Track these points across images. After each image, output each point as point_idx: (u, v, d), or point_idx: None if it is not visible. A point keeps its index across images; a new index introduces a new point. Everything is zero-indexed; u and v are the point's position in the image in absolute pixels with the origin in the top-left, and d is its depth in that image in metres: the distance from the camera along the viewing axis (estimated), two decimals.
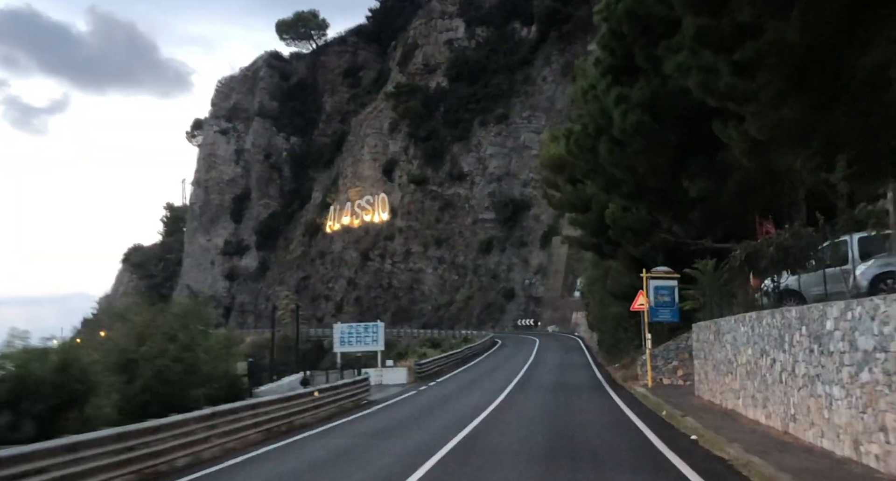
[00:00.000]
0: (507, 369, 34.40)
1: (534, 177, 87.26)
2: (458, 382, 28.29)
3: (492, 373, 32.74)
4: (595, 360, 38.69)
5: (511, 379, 27.75)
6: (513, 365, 36.41)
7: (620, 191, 17.46)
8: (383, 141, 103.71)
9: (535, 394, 22.35)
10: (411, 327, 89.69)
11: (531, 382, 26.93)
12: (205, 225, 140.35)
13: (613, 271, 27.66)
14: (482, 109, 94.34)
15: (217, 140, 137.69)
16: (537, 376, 29.56)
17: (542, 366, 35.28)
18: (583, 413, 17.00)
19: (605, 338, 37.30)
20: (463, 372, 34.71)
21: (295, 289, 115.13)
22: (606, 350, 38.18)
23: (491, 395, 22.05)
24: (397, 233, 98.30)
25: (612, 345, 34.31)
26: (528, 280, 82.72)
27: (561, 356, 43.93)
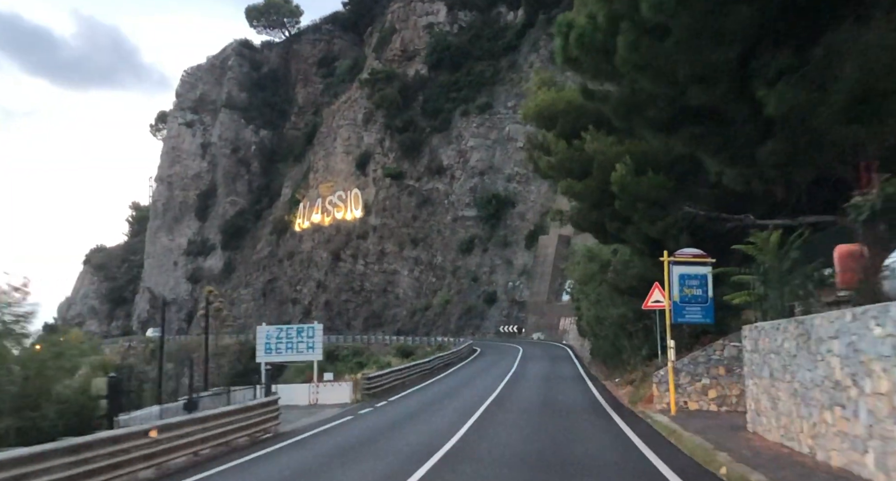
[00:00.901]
0: (483, 383, 28.70)
1: (519, 171, 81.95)
2: (417, 401, 22.55)
3: (462, 389, 27.01)
4: (588, 373, 33.00)
5: (485, 398, 22.06)
6: (490, 379, 30.69)
7: (646, 119, 11.88)
8: (357, 132, 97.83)
9: (516, 420, 16.69)
10: (385, 333, 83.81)
11: (510, 402, 21.26)
12: (168, 223, 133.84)
13: (618, 260, 22.04)
14: (464, 98, 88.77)
15: (182, 133, 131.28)
16: (519, 393, 23.91)
17: (526, 380, 29.56)
18: (587, 459, 11.30)
19: (600, 346, 31.60)
20: (428, 386, 28.93)
21: (261, 292, 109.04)
22: (603, 360, 32.47)
23: (454, 422, 16.36)
24: (371, 231, 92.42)
25: (611, 355, 28.64)
26: (512, 283, 77.07)
27: (547, 367, 38.22)
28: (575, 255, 45.43)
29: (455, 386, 28.52)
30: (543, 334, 68.15)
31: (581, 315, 43.64)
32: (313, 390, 22.44)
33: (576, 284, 44.01)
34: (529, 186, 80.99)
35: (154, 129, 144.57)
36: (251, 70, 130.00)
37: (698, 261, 15.81)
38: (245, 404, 14.22)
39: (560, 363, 41.36)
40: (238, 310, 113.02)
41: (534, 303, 72.34)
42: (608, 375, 29.06)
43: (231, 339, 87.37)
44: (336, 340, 79.56)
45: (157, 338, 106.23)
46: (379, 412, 19.83)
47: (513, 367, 37.81)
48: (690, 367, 16.59)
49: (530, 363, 41.17)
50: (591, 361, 40.12)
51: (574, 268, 45.30)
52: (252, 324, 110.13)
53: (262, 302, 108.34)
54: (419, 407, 20.77)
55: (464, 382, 30.39)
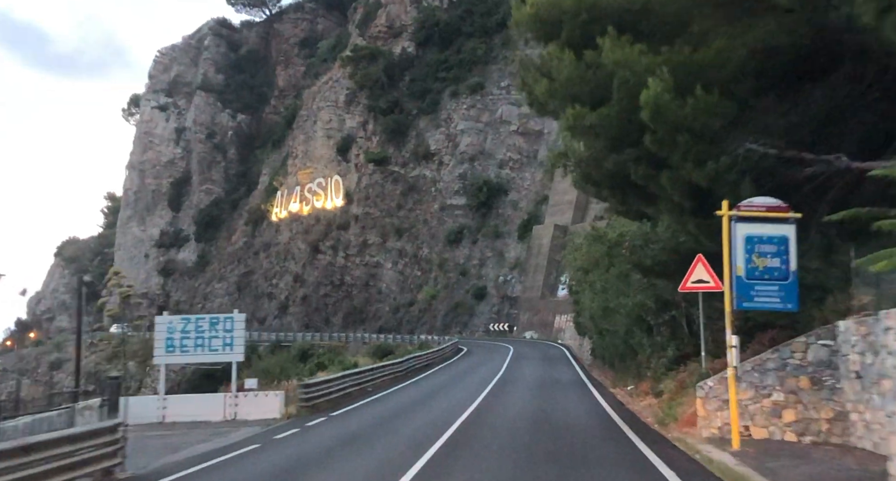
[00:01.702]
0: (462, 390, 23.56)
1: (512, 156, 76.92)
2: (369, 418, 17.34)
3: (435, 398, 21.85)
4: (590, 377, 27.86)
5: (459, 413, 16.92)
6: (472, 384, 25.54)
7: None
8: (339, 115, 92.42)
9: (498, 450, 11.57)
10: (366, 331, 78.62)
11: (493, 418, 16.13)
12: (140, 213, 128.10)
13: (639, 230, 16.92)
14: (454, 78, 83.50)
15: (154, 117, 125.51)
16: (505, 405, 18.78)
17: (515, 387, 24.42)
18: None
19: (606, 345, 26.43)
20: (394, 393, 23.73)
21: (236, 287, 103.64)
22: (608, 362, 27.30)
23: (408, 454, 11.21)
24: (352, 221, 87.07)
25: (621, 356, 23.48)
26: (504, 277, 71.93)
27: (541, 369, 33.08)
28: (575, 238, 40.42)
29: (427, 394, 23.31)
30: (537, 333, 63.08)
31: (580, 310, 38.60)
32: (230, 402, 17.19)
33: (575, 274, 39.01)
34: (523, 173, 75.90)
35: (127, 114, 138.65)
36: (229, 51, 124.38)
37: (775, 216, 10.63)
38: (39, 439, 8.90)
39: (556, 364, 36.21)
40: (211, 306, 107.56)
41: (527, 299, 67.24)
42: (616, 381, 23.91)
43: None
44: (312, 338, 74.40)
45: (122, 334, 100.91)
46: (303, 436, 14.52)
47: (501, 369, 32.65)
48: (754, 377, 11.40)
49: (522, 364, 36.02)
50: (591, 363, 35.00)
51: (574, 256, 40.31)
52: None
53: (236, 297, 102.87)
54: (365, 427, 15.52)
55: (439, 388, 25.19)
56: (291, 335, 77.07)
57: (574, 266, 39.44)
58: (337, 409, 18.45)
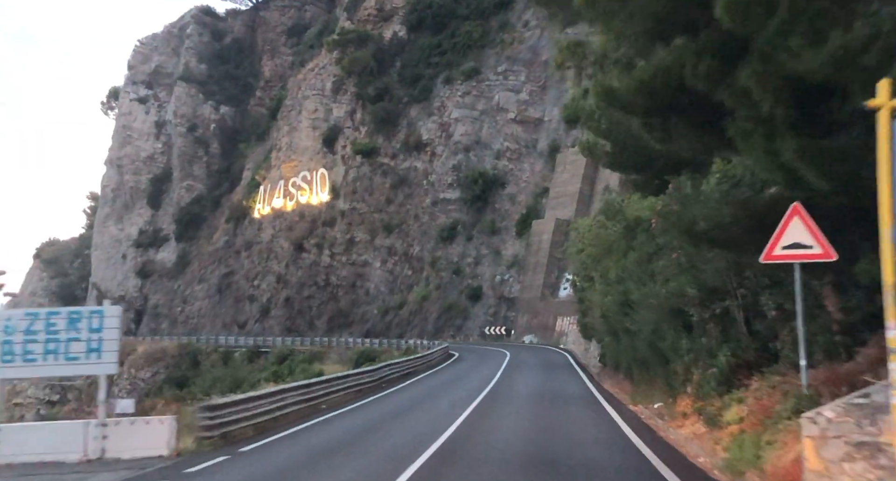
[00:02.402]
0: (439, 408, 18.79)
1: (510, 146, 72.18)
2: (301, 452, 12.52)
3: (403, 418, 17.06)
4: (600, 390, 23.07)
5: (430, 440, 12.16)
6: (455, 399, 20.74)
7: None
8: (325, 104, 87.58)
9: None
10: (352, 334, 73.79)
11: (473, 452, 11.37)
12: (118, 211, 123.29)
13: (679, 187, 12.17)
14: (448, 63, 78.74)
15: (133, 110, 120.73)
16: (492, 430, 14.02)
17: (508, 403, 19.62)
18: None
19: (622, 349, 21.54)
20: (352, 412, 18.89)
21: (217, 288, 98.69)
22: (625, 371, 22.43)
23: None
24: (339, 217, 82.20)
25: (642, 363, 18.64)
26: (501, 276, 67.08)
27: (541, 379, 28.26)
28: (579, 227, 35.71)
29: (395, 413, 18.48)
30: (536, 337, 58.26)
31: (586, 309, 33.88)
32: (94, 433, 12.21)
33: (581, 267, 34.32)
34: (522, 163, 71.11)
35: (106, 107, 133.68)
36: (212, 40, 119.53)
37: None
38: None
39: (558, 373, 31.38)
40: (191, 309, 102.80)
41: (525, 300, 62.41)
42: (636, 395, 19.07)
43: (169, 342, 77.08)
44: (292, 343, 69.66)
45: None
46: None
47: (493, 379, 27.83)
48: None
49: (518, 373, 31.19)
50: (601, 372, 30.17)
51: (580, 244, 35.64)
52: (205, 324, 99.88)
53: (217, 299, 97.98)
54: (279, 473, 10.70)
55: (413, 405, 20.34)
56: (271, 340, 72.23)
57: (579, 258, 34.79)
58: (259, 439, 13.60)
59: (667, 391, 15.89)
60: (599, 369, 30.84)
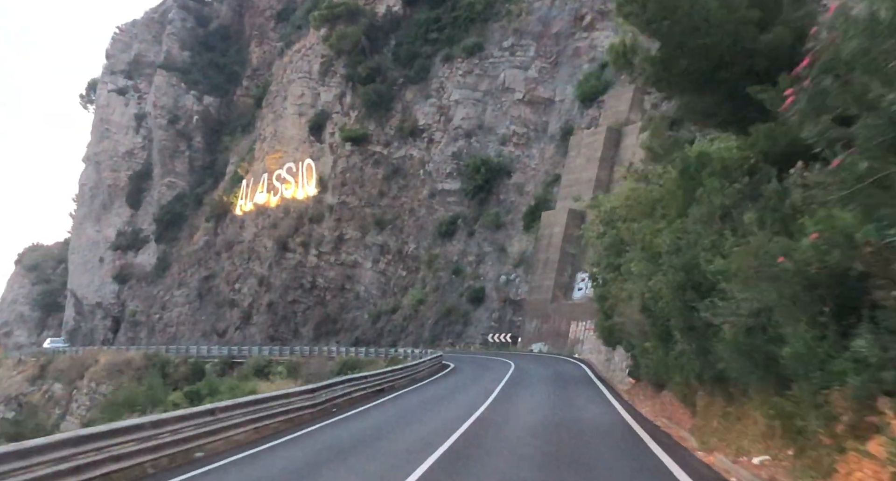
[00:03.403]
0: (397, 448, 11.86)
1: (517, 130, 65.25)
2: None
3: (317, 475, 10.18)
4: (639, 419, 16.01)
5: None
6: (424, 433, 13.77)
7: None
8: (312, 88, 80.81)
9: None
10: (339, 343, 66.98)
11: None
12: (96, 211, 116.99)
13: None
14: (447, 39, 71.89)
15: (112, 102, 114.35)
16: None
17: (499, 442, 12.58)
18: None
19: (676, 359, 14.31)
20: (233, 467, 11.96)
21: (197, 293, 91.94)
22: (679, 392, 15.25)
23: None
24: (326, 212, 75.33)
25: (721, 382, 11.55)
26: (506, 276, 60.00)
27: (552, 401, 21.26)
28: (602, 203, 28.89)
29: (315, 463, 11.54)
30: (547, 345, 51.23)
31: (610, 308, 26.88)
32: None
33: (603, 255, 27.39)
34: (530, 149, 64.09)
35: (85, 101, 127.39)
36: (196, 25, 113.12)
37: None
38: None
39: (575, 392, 24.35)
40: (170, 316, 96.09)
41: (534, 303, 55.31)
42: (704, 433, 12.03)
43: (135, 352, 70.28)
44: (270, 353, 62.92)
45: (56, 350, 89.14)
46: None
47: (488, 400, 20.89)
48: None
49: (522, 391, 24.21)
50: (632, 389, 23.17)
51: (598, 231, 28.86)
52: (184, 333, 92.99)
53: (197, 305, 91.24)
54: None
55: (350, 448, 13.32)
56: (247, 349, 65.38)
57: (601, 242, 27.87)
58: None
59: (781, 433, 8.82)
60: (630, 385, 23.80)
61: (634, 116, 55.38)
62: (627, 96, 56.51)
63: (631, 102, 56.02)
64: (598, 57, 61.46)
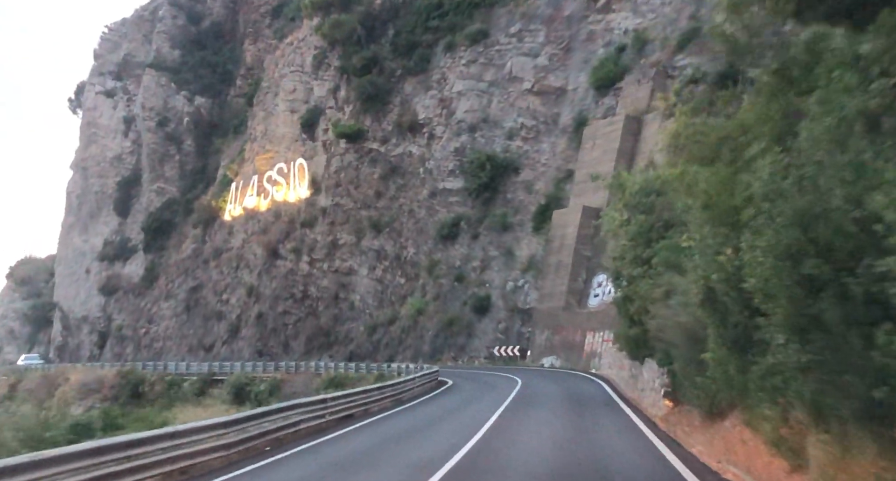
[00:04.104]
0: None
1: (525, 122, 60.30)
2: None
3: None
4: (695, 466, 10.86)
5: None
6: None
7: None
8: (305, 82, 76.17)
9: None
10: (333, 357, 61.95)
11: None
12: (83, 220, 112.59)
13: None
14: (450, 27, 67.10)
15: (99, 104, 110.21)
16: None
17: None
18: None
19: (759, 374, 9.20)
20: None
21: (185, 305, 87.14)
22: (771, 429, 10.10)
23: None
24: (320, 216, 70.45)
25: (866, 417, 6.39)
26: (514, 282, 54.84)
27: (567, 432, 16.11)
28: (628, 179, 24.00)
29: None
30: (559, 359, 46.06)
31: (637, 312, 21.93)
32: None
33: (629, 245, 22.53)
34: (540, 143, 59.03)
35: (73, 105, 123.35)
36: (188, 23, 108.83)
37: None
38: None
39: (595, 417, 19.20)
40: (157, 330, 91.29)
41: (545, 312, 50.15)
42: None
43: (108, 369, 65.32)
44: (253, 369, 57.93)
45: (31, 366, 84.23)
46: None
47: (481, 430, 15.77)
48: None
49: (528, 417, 19.07)
50: (671, 415, 18.00)
51: (623, 217, 24.07)
52: (171, 348, 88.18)
53: (184, 318, 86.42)
54: None
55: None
56: (228, 366, 60.38)
57: (626, 230, 23.07)
58: None
59: None
60: (666, 410, 18.62)
61: (656, 103, 50.39)
62: (648, 81, 51.59)
63: (652, 87, 51.03)
64: (614, 40, 56.66)
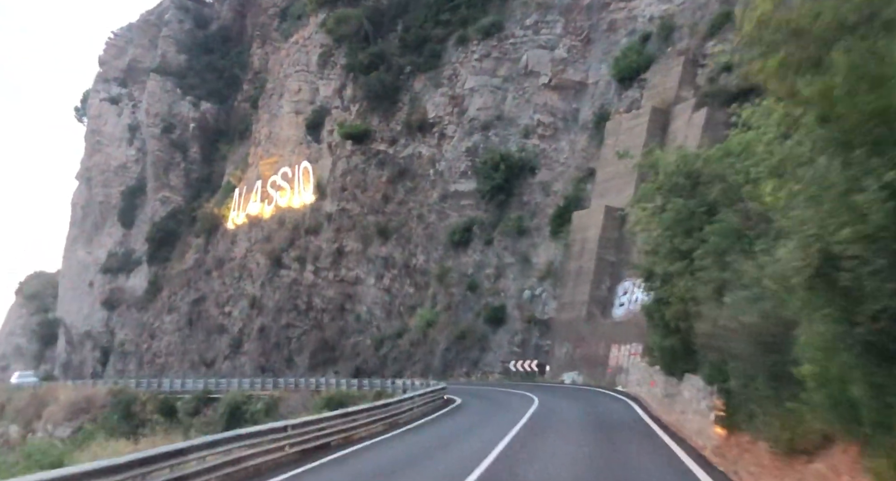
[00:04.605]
0: None
1: (541, 119, 56.38)
2: None
3: None
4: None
5: None
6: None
7: None
8: (310, 82, 72.77)
9: None
10: (337, 374, 58.19)
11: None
12: (87, 232, 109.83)
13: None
14: (462, 20, 63.46)
15: (104, 112, 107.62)
16: None
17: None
18: None
19: None
20: None
21: (187, 319, 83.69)
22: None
23: None
24: (325, 222, 66.80)
25: None
26: (530, 291, 50.73)
27: (595, 472, 11.98)
28: (661, 157, 20.08)
29: None
30: (581, 375, 41.86)
31: (675, 316, 17.94)
32: None
33: (661, 239, 18.54)
34: (558, 141, 55.09)
35: (80, 114, 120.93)
36: (195, 27, 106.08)
37: None
38: None
39: (628, 450, 15.06)
40: (158, 346, 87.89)
41: (565, 323, 45.99)
42: None
43: (99, 387, 61.88)
44: (252, 386, 54.32)
45: (24, 385, 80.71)
46: None
47: (482, 465, 11.73)
48: None
49: (542, 449, 14.98)
50: (725, 447, 13.84)
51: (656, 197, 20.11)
52: (172, 364, 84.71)
53: (187, 332, 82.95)
54: None
55: None
56: (224, 382, 56.70)
57: (660, 219, 19.08)
58: None
59: None
60: (718, 440, 14.47)
61: (685, 92, 46.29)
62: (677, 70, 47.48)
63: (681, 76, 46.95)
64: (638, 29, 52.70)
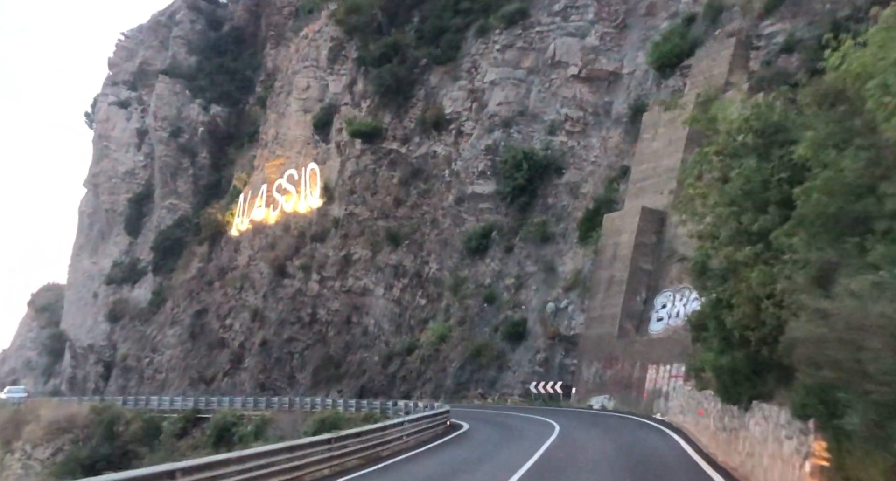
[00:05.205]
0: None
1: (570, 114, 51.52)
2: None
3: None
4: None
5: None
6: None
7: None
8: (320, 78, 68.48)
9: None
10: (341, 393, 53.43)
11: None
12: (93, 241, 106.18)
13: None
14: (483, 8, 58.88)
15: (112, 116, 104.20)
16: None
17: None
18: None
19: None
20: None
21: (189, 333, 79.28)
22: None
23: None
24: (332, 227, 62.17)
25: None
26: (555, 303, 45.48)
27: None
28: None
29: None
30: (612, 399, 36.56)
31: (738, 325, 12.63)
32: None
33: (723, 218, 13.22)
34: (588, 137, 50.05)
35: (90, 119, 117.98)
36: (207, 28, 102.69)
37: None
38: None
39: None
40: (160, 360, 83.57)
41: (594, 339, 40.69)
42: None
43: (82, 405, 57.50)
44: (244, 406, 49.62)
45: (12, 401, 76.76)
46: None
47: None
48: None
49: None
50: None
51: (714, 160, 14.71)
52: (173, 380, 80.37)
53: (189, 346, 78.51)
54: None
55: None
56: (215, 401, 52.07)
57: (726, 188, 13.73)
58: None
59: None
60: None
61: (736, 78, 41.06)
62: (727, 53, 42.21)
63: (731, 61, 41.70)
64: (681, 11, 47.78)
